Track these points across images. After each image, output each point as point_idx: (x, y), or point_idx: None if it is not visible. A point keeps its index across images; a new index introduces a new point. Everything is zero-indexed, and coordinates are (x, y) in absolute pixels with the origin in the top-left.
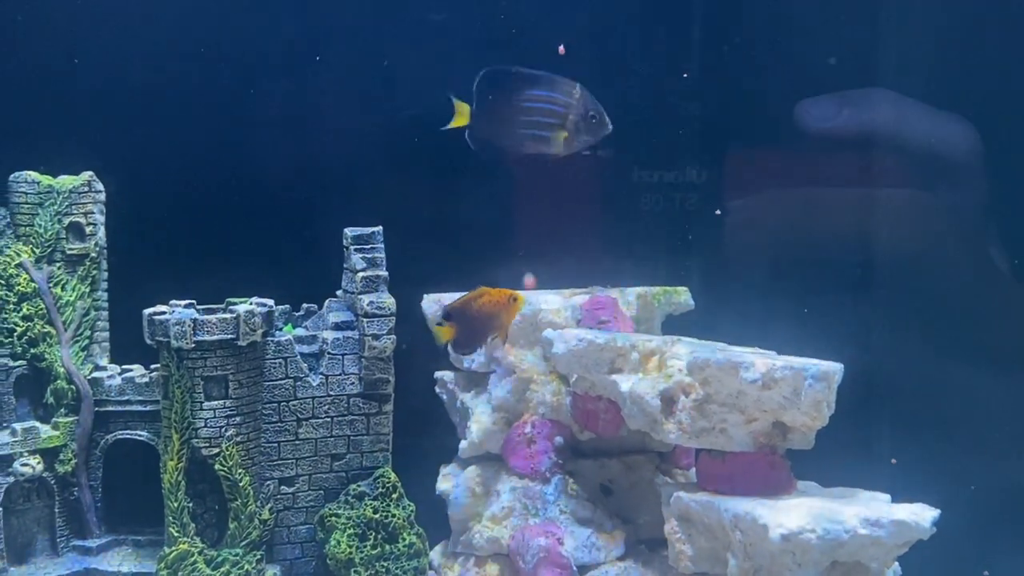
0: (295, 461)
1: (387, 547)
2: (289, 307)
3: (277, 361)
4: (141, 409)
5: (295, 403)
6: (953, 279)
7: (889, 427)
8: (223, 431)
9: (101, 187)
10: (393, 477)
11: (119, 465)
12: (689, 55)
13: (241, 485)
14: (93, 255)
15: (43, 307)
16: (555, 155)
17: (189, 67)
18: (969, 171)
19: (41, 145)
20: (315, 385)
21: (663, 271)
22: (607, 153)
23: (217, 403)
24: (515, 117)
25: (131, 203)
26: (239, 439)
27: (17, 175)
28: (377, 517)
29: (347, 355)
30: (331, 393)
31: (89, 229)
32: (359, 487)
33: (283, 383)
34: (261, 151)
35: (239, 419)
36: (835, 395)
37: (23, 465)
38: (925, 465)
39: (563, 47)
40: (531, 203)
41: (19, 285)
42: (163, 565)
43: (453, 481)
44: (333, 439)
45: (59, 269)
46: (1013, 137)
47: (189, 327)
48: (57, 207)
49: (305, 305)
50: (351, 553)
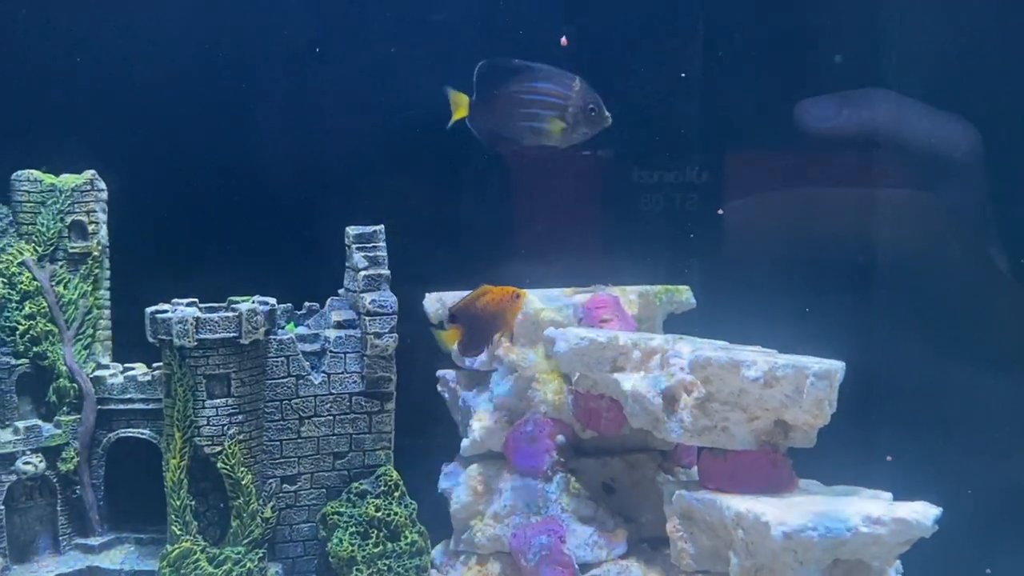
0: (297, 459)
1: (389, 545)
2: (291, 305)
3: (279, 359)
4: (143, 407)
5: (297, 401)
6: (953, 279)
7: (890, 425)
8: (225, 429)
9: (103, 185)
10: (395, 475)
11: (121, 463)
12: (690, 55)
13: (243, 483)
14: (95, 253)
15: (45, 305)
16: (554, 147)
17: (191, 66)
18: (969, 171)
19: (43, 143)
20: (317, 383)
21: (665, 270)
22: (608, 152)
23: (219, 401)
24: (514, 109)
25: (133, 202)
26: (241, 437)
27: (19, 173)
28: (379, 515)
29: (349, 353)
30: (333, 391)
31: (91, 228)
32: (361, 485)
33: (285, 381)
34: (263, 150)
35: (241, 417)
36: (837, 393)
37: (25, 463)
38: (927, 463)
39: (565, 38)
40: (532, 202)
41: (22, 283)
42: (165, 563)
43: (455, 479)
44: (335, 437)
45: (61, 268)
46: (1013, 137)
47: (191, 325)
48: (59, 205)
49: (307, 303)
50: (353, 551)
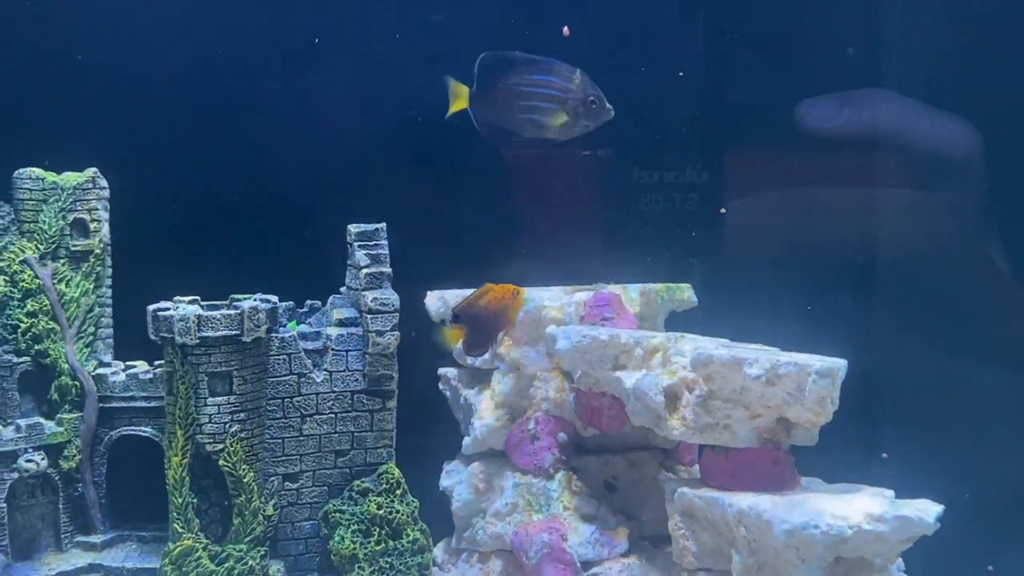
0: (299, 457)
1: (391, 543)
2: (293, 303)
3: (281, 357)
4: (145, 405)
5: (299, 399)
6: (953, 278)
7: (892, 423)
8: (227, 427)
9: (105, 183)
10: (397, 473)
11: (123, 461)
12: (690, 54)
13: (245, 481)
14: (97, 251)
15: (47, 303)
16: (555, 140)
17: (193, 64)
18: (969, 171)
19: (45, 141)
20: (319, 381)
21: (666, 268)
22: (610, 150)
23: (221, 399)
24: (514, 101)
25: (135, 199)
26: (243, 435)
27: (21, 171)
28: (381, 513)
29: (351, 351)
30: (335, 389)
31: (93, 225)
32: (363, 483)
33: (287, 379)
34: (265, 148)
35: (243, 415)
36: (839, 391)
37: (27, 461)
38: (929, 461)
39: (567, 28)
40: (534, 200)
41: (23, 281)
42: (167, 561)
43: (457, 477)
44: (337, 435)
45: (63, 265)
46: (1013, 137)
47: (193, 323)
48: (61, 203)
49: (309, 302)
50: (355, 549)
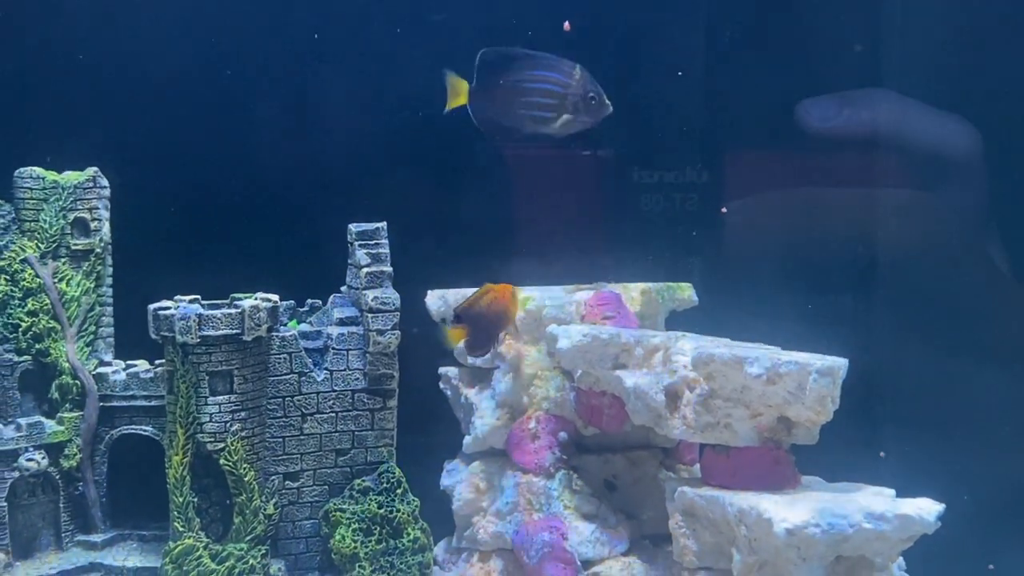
0: (300, 456)
1: (392, 542)
2: (294, 303)
3: (282, 356)
4: (146, 404)
5: (300, 398)
6: (953, 277)
7: (893, 422)
8: (228, 426)
9: (106, 183)
10: (398, 472)
11: (124, 460)
12: (691, 54)
13: (246, 480)
14: (98, 251)
15: (48, 303)
16: (554, 136)
17: (193, 63)
18: (969, 170)
19: (46, 141)
20: (319, 380)
21: (667, 268)
22: (610, 150)
23: (222, 398)
24: (514, 97)
25: (136, 199)
26: (244, 434)
27: (22, 171)
28: (382, 512)
29: (351, 350)
30: (335, 388)
31: (94, 225)
32: (364, 482)
33: (288, 378)
34: (265, 147)
35: (244, 414)
36: (840, 390)
37: (28, 460)
38: (929, 460)
39: (568, 23)
40: (535, 199)
41: (24, 281)
42: (168, 560)
43: (457, 476)
44: (338, 434)
45: (64, 265)
46: (1013, 137)
47: (194, 322)
48: (62, 203)
49: (309, 301)
50: (356, 548)
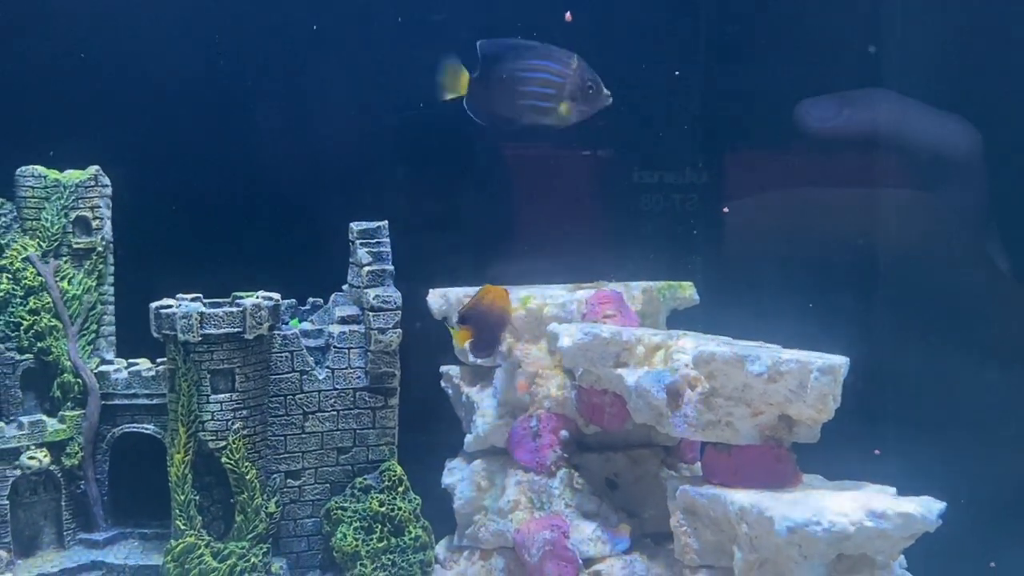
0: (301, 454)
1: (393, 540)
2: (295, 301)
3: (283, 355)
4: (147, 402)
5: (301, 397)
6: (953, 277)
7: (894, 421)
8: (230, 424)
9: (107, 181)
10: (399, 470)
11: (125, 458)
12: (691, 54)
13: (248, 478)
14: (99, 249)
15: (50, 301)
16: (553, 125)
17: (195, 62)
18: (969, 170)
19: (48, 139)
20: (321, 379)
21: (668, 267)
22: (611, 149)
23: (224, 396)
24: (513, 88)
25: (137, 197)
26: (245, 432)
27: (24, 169)
28: (383, 510)
29: (353, 349)
30: (337, 387)
31: (95, 223)
32: (365, 480)
33: (289, 377)
34: (267, 145)
35: (246, 412)
36: (841, 388)
37: (30, 458)
38: (930, 458)
39: (569, 13)
40: (537, 198)
41: (26, 279)
42: (170, 558)
43: (459, 475)
44: (339, 432)
45: (65, 263)
46: (1013, 137)
47: (196, 321)
48: (63, 201)
49: (311, 299)
50: (357, 546)
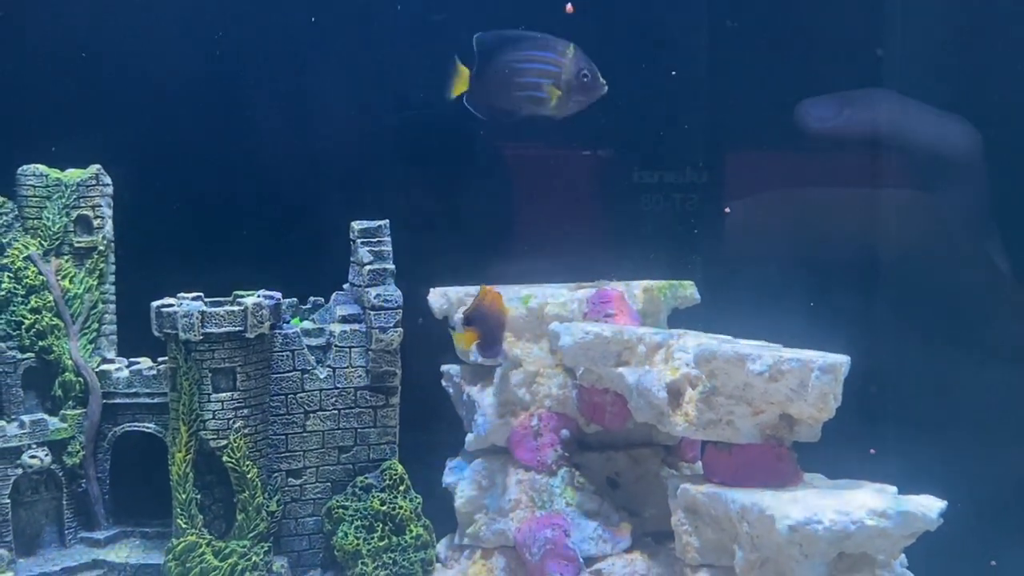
0: (302, 453)
1: (394, 539)
2: (296, 300)
3: (284, 354)
4: (149, 401)
5: (302, 395)
6: (954, 276)
7: (894, 420)
8: (231, 423)
9: (109, 180)
10: (400, 469)
11: (127, 457)
12: (691, 54)
13: (249, 477)
14: (101, 248)
15: (51, 300)
16: (552, 116)
17: (196, 61)
18: (969, 171)
19: (49, 138)
20: (322, 378)
21: (669, 266)
22: (612, 149)
23: (225, 395)
24: (510, 79)
25: (138, 196)
26: (247, 431)
27: (25, 168)
28: (384, 509)
29: (354, 348)
30: (338, 386)
31: (97, 222)
32: (366, 479)
33: (290, 375)
34: (268, 144)
35: (247, 411)
36: (842, 387)
37: (31, 457)
38: (931, 457)
39: (571, 5)
40: (538, 198)
41: (27, 278)
42: (171, 556)
43: (460, 474)
44: (340, 431)
45: (67, 262)
46: (1013, 137)
47: (197, 319)
48: (65, 200)
49: (312, 298)
50: (358, 545)
